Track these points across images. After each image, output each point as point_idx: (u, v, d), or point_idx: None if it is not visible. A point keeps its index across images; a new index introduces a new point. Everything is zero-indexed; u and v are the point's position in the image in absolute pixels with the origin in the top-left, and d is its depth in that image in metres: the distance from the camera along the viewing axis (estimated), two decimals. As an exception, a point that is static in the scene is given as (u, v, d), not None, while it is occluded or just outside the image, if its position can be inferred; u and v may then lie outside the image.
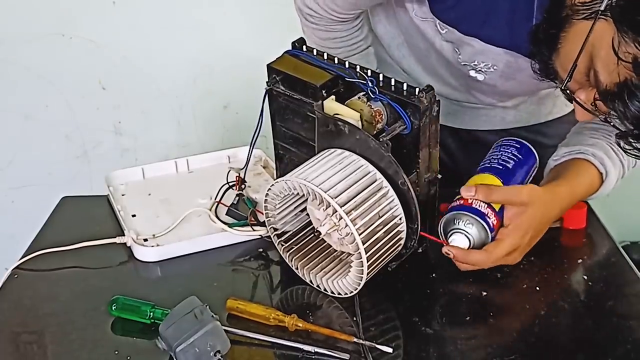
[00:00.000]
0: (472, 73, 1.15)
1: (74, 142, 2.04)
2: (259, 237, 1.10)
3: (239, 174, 1.17)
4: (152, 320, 0.94)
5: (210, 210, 1.13)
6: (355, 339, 0.90)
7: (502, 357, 0.90)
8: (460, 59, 1.13)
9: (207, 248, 1.09)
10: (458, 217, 1.01)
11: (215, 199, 1.16)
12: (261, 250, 1.09)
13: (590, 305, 0.98)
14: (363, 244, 0.91)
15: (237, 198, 1.13)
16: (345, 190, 0.93)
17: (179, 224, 1.12)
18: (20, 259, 1.07)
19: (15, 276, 1.05)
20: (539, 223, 1.03)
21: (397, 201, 0.96)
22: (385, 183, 0.95)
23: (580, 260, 1.08)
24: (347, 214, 0.91)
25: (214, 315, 0.88)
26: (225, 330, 0.88)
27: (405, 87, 0.97)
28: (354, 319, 0.94)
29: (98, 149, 2.05)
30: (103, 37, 1.92)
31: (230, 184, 1.17)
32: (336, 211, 0.91)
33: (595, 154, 1.09)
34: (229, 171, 1.19)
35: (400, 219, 0.96)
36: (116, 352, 0.90)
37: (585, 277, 1.03)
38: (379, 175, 0.95)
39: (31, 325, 0.97)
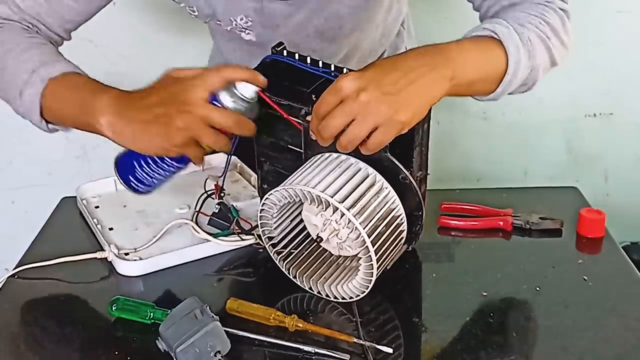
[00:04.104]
0: (244, 35, 1.17)
1: (74, 142, 2.04)
2: (246, 246, 1.08)
3: (217, 182, 1.14)
4: (153, 321, 0.94)
5: (191, 220, 1.11)
6: (355, 340, 0.90)
7: (502, 357, 0.90)
8: (220, 23, 1.17)
9: (192, 259, 1.07)
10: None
11: (195, 208, 1.13)
12: (251, 257, 1.08)
13: (590, 305, 0.98)
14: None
15: (218, 207, 1.10)
16: (350, 194, 0.92)
17: (162, 236, 1.09)
18: (18, 264, 1.07)
19: (16, 276, 1.05)
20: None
21: (398, 201, 0.96)
22: (386, 184, 0.95)
23: (580, 261, 1.08)
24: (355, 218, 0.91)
25: (214, 316, 0.88)
26: (225, 330, 0.88)
27: None
28: (354, 319, 0.94)
29: (98, 149, 2.04)
30: (103, 37, 1.92)
31: (209, 192, 1.15)
32: (341, 215, 0.91)
33: (474, 30, 0.99)
34: (207, 179, 1.17)
35: (401, 218, 0.96)
36: (116, 353, 0.90)
37: (586, 278, 1.03)
38: (379, 177, 0.95)
39: (31, 325, 0.97)
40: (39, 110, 1.04)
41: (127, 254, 1.07)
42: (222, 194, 1.14)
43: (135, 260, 1.05)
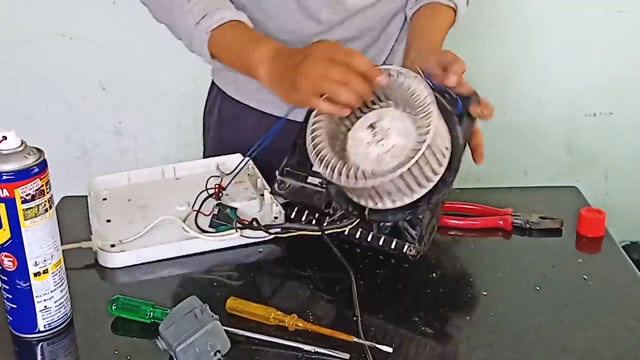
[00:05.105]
0: None
1: (74, 142, 2.04)
2: (244, 245, 1.08)
3: (220, 182, 1.15)
4: (152, 320, 0.94)
5: (186, 218, 1.11)
6: (355, 339, 0.90)
7: (502, 357, 0.90)
8: None
9: (179, 255, 1.07)
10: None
11: (193, 207, 1.13)
12: (251, 257, 1.08)
13: (590, 304, 0.98)
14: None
15: (217, 208, 1.10)
16: None
17: (151, 230, 1.09)
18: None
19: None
20: None
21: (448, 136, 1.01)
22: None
23: (580, 260, 1.08)
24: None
25: (214, 315, 0.88)
26: (225, 330, 0.88)
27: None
28: (354, 318, 0.94)
29: (98, 149, 2.05)
30: (103, 37, 1.92)
31: (210, 192, 1.15)
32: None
33: None
34: (209, 178, 1.17)
35: (447, 148, 1.01)
36: (116, 352, 0.90)
37: (585, 277, 1.03)
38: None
39: (31, 325, 0.97)
40: (210, 57, 1.16)
41: (113, 245, 1.07)
42: (220, 194, 1.14)
43: (117, 252, 1.05)
